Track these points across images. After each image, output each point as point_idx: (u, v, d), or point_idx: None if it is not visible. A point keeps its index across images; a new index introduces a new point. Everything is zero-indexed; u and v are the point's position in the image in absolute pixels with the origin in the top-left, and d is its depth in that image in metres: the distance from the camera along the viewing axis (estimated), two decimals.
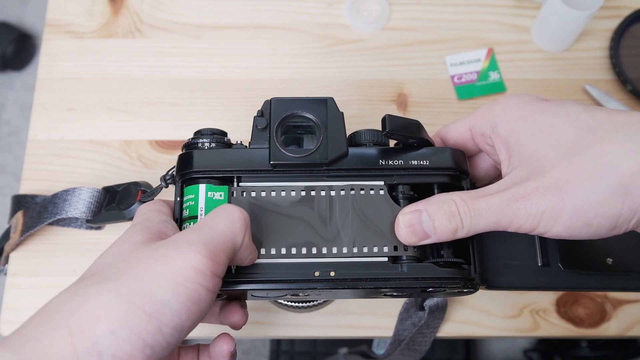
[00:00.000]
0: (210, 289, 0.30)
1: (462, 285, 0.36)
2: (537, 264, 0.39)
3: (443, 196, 0.35)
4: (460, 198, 0.34)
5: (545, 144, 0.33)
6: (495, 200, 0.33)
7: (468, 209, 0.34)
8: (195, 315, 0.30)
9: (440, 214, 0.34)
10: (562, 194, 0.32)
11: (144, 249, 0.31)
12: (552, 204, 0.32)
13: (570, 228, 0.32)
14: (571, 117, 0.33)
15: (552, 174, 0.32)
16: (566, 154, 0.32)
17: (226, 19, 0.63)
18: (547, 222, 0.32)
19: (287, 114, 0.38)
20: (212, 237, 0.32)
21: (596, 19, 0.62)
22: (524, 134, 0.34)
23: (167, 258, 0.30)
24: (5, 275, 0.53)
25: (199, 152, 0.38)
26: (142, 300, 0.28)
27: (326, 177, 0.38)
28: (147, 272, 0.30)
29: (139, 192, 0.47)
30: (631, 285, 0.40)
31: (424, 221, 0.35)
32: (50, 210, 0.50)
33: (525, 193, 0.32)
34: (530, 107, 0.35)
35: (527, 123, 0.35)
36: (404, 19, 0.63)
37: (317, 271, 0.36)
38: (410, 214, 0.35)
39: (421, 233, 0.35)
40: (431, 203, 0.35)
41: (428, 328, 0.51)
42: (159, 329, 0.28)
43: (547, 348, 1.05)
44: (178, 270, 0.29)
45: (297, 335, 0.52)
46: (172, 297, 0.29)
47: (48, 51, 0.61)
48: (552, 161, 0.32)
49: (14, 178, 1.32)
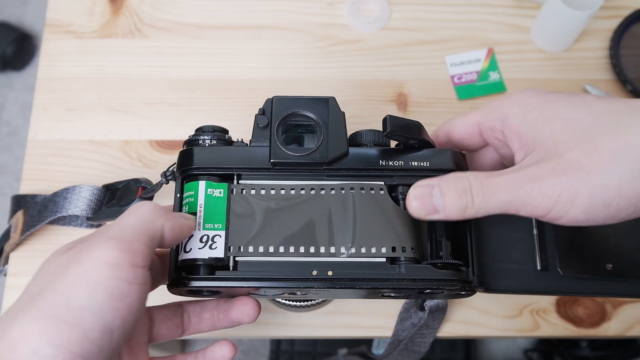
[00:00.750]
0: (132, 280, 0.30)
1: (459, 288, 0.36)
2: (536, 268, 0.39)
3: (458, 173, 0.34)
4: (474, 175, 0.34)
5: (562, 129, 0.33)
6: (510, 179, 0.33)
7: (481, 186, 0.33)
8: (124, 311, 0.29)
9: (452, 190, 0.34)
10: (581, 175, 0.31)
11: (63, 260, 0.31)
12: (569, 186, 0.31)
13: (588, 210, 0.31)
14: (586, 104, 0.33)
15: (569, 155, 0.32)
16: (585, 137, 0.32)
17: (226, 19, 0.63)
18: (563, 204, 0.31)
19: (289, 112, 0.38)
20: (122, 230, 0.31)
21: (596, 19, 0.62)
22: (538, 121, 0.34)
23: (79, 262, 0.30)
24: (5, 275, 0.53)
25: (199, 149, 0.38)
26: (60, 311, 0.28)
27: (326, 176, 0.38)
28: (62, 280, 0.29)
29: (139, 189, 0.47)
30: (631, 290, 0.40)
31: (435, 195, 0.34)
32: (50, 209, 0.51)
33: (541, 174, 0.32)
34: (542, 97, 0.35)
35: (541, 111, 0.34)
36: (404, 19, 0.63)
37: (315, 270, 0.36)
38: (422, 187, 0.35)
39: (430, 207, 0.34)
40: (444, 179, 0.35)
41: (428, 329, 0.51)
42: (84, 336, 0.28)
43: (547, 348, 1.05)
44: (91, 271, 0.29)
45: (297, 335, 0.52)
46: (91, 300, 0.28)
47: (48, 51, 0.61)
48: (570, 144, 0.32)
49: (14, 178, 1.32)
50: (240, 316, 0.39)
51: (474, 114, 0.39)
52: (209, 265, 0.36)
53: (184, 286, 0.36)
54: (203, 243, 0.36)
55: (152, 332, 0.39)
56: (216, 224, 0.37)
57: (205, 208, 0.37)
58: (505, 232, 0.39)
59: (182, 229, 0.35)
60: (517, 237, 0.39)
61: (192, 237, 0.36)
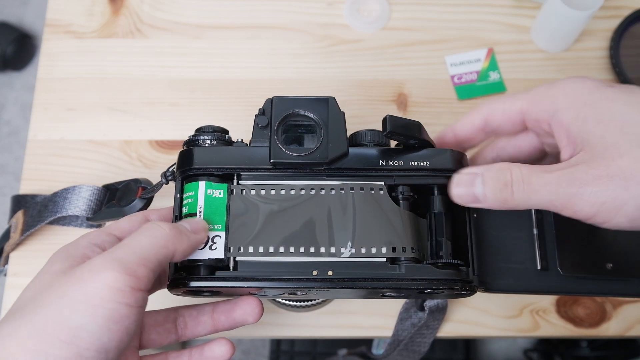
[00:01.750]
0: (132, 304, 0.30)
1: (460, 288, 0.36)
2: (536, 268, 0.39)
3: (504, 164, 0.34)
4: (519, 170, 0.33)
5: (615, 132, 0.31)
6: (553, 179, 0.32)
7: (523, 182, 0.33)
8: (121, 333, 0.30)
9: (494, 182, 0.33)
10: (630, 184, 0.30)
11: (62, 277, 0.31)
12: (615, 194, 0.30)
13: (633, 220, 0.31)
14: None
15: (619, 162, 0.30)
16: (638, 142, 0.31)
17: (226, 19, 0.63)
18: (606, 213, 0.31)
19: (289, 112, 0.38)
20: (129, 253, 0.31)
21: (596, 19, 0.62)
22: (590, 121, 0.32)
23: (81, 282, 0.30)
24: (5, 275, 0.53)
25: (199, 149, 0.38)
26: (57, 329, 0.29)
27: (326, 176, 0.38)
28: (62, 299, 0.30)
29: (139, 189, 0.47)
30: (631, 290, 0.40)
31: (477, 185, 0.34)
32: (50, 209, 0.51)
33: (586, 179, 0.31)
34: (597, 93, 0.33)
35: (595, 110, 0.32)
36: (404, 19, 0.63)
37: (315, 270, 0.36)
38: (466, 175, 0.35)
39: (472, 195, 0.34)
40: (489, 169, 0.34)
41: (427, 329, 0.51)
42: (78, 355, 0.29)
43: (547, 348, 1.05)
44: (93, 292, 0.30)
45: (297, 335, 0.52)
46: (89, 321, 0.29)
47: (48, 51, 0.61)
48: (621, 150, 0.31)
49: (14, 178, 1.32)
50: (244, 316, 0.39)
51: (518, 101, 0.37)
52: (209, 265, 0.36)
53: (184, 287, 0.36)
54: (203, 244, 0.36)
55: (142, 337, 0.38)
56: (216, 225, 0.37)
57: (205, 209, 0.37)
58: (505, 232, 0.39)
59: (194, 249, 0.35)
60: (517, 237, 0.39)
61: None
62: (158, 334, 0.39)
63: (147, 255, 0.32)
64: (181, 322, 0.39)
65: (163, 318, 0.39)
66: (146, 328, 0.39)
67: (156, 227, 0.33)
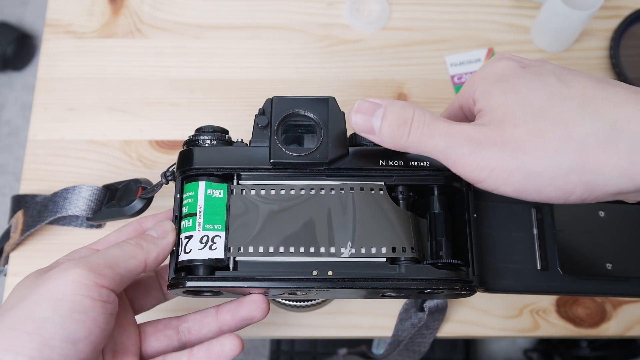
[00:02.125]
0: (96, 298, 0.32)
1: (460, 288, 0.36)
2: (536, 268, 0.39)
3: (409, 103, 0.34)
4: (422, 112, 0.33)
5: (516, 102, 0.32)
6: (453, 130, 0.32)
7: (423, 124, 0.33)
8: (89, 324, 0.32)
9: (394, 117, 0.33)
10: (519, 153, 0.30)
11: (32, 282, 0.34)
12: (504, 162, 0.31)
13: (519, 190, 0.31)
14: (548, 84, 0.32)
15: (514, 131, 0.31)
16: (534, 115, 0.31)
17: (226, 19, 0.63)
18: (494, 180, 0.31)
19: (289, 112, 0.38)
20: (98, 257, 0.34)
21: (596, 19, 0.62)
22: (496, 92, 0.33)
23: (48, 280, 0.33)
24: (5, 276, 0.53)
25: (199, 149, 0.38)
26: (22, 323, 0.31)
27: (326, 176, 0.38)
28: (29, 297, 0.32)
29: (139, 189, 0.47)
30: (630, 290, 0.40)
31: (376, 116, 0.34)
32: (50, 209, 0.51)
33: (481, 140, 0.31)
34: (509, 71, 0.34)
35: (503, 83, 0.33)
36: (404, 19, 0.63)
37: (315, 270, 0.36)
38: (368, 103, 0.35)
39: (368, 126, 0.34)
40: (394, 103, 0.34)
41: (427, 329, 0.51)
42: (44, 344, 0.31)
43: (547, 348, 1.05)
44: (57, 288, 0.32)
45: (297, 335, 0.52)
46: (53, 313, 0.31)
47: (48, 51, 0.61)
48: (518, 119, 0.31)
49: (14, 178, 1.32)
50: (251, 313, 0.38)
51: (456, 98, 0.37)
52: (209, 265, 0.36)
53: (183, 286, 0.36)
54: (203, 244, 0.36)
55: (142, 345, 0.39)
56: (216, 225, 0.37)
57: (205, 208, 0.37)
58: (505, 232, 0.39)
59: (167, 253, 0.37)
60: (517, 237, 0.39)
61: (192, 238, 0.36)
62: (157, 340, 0.39)
63: (115, 260, 0.34)
64: (184, 328, 0.39)
65: (163, 325, 0.39)
66: (146, 336, 0.39)
67: (125, 243, 0.36)
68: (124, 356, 0.37)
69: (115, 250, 0.35)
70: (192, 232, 0.36)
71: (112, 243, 0.39)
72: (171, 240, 0.37)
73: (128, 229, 0.40)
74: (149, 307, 0.41)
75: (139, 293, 0.41)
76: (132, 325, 0.39)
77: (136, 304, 0.41)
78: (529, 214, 0.40)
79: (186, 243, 0.37)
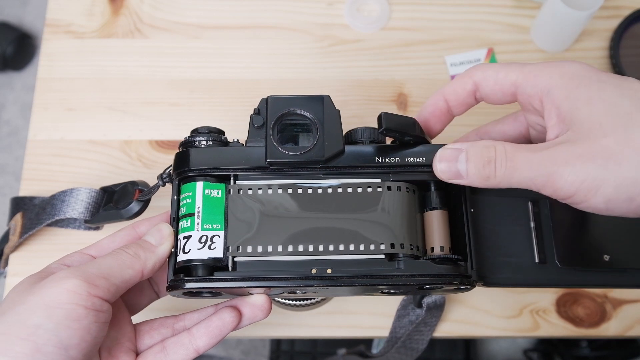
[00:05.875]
0: (89, 307, 0.33)
1: (458, 282, 0.36)
2: (534, 261, 0.39)
3: (489, 142, 0.34)
4: (503, 147, 0.33)
5: (603, 112, 0.31)
6: (536, 157, 0.32)
7: (505, 159, 0.33)
8: (82, 331, 0.33)
9: (477, 158, 0.34)
10: (610, 164, 0.30)
11: (27, 290, 0.34)
12: (595, 174, 0.30)
13: (610, 201, 0.31)
14: (633, 90, 0.32)
15: (603, 142, 0.30)
16: (623, 124, 0.30)
17: (226, 19, 0.63)
18: (585, 192, 0.31)
19: (284, 111, 0.38)
20: (93, 267, 0.35)
21: (596, 19, 0.62)
22: (581, 101, 0.32)
23: (43, 289, 0.33)
24: (5, 277, 0.53)
25: (195, 151, 0.38)
26: (16, 329, 0.32)
27: (323, 174, 0.38)
28: (23, 305, 0.33)
29: (136, 191, 0.47)
30: (628, 281, 0.40)
31: (460, 161, 0.34)
32: (48, 212, 0.50)
33: (567, 158, 0.31)
34: (592, 76, 0.33)
35: (587, 91, 0.32)
36: (404, 19, 0.63)
37: (314, 268, 0.36)
38: (451, 150, 0.35)
39: (454, 171, 0.35)
40: (474, 145, 0.34)
41: (425, 326, 0.51)
42: (37, 350, 0.31)
43: (547, 348, 1.05)
44: (51, 297, 0.33)
45: (297, 335, 0.52)
46: (46, 320, 0.32)
47: (48, 51, 0.61)
48: (606, 130, 0.30)
49: (14, 178, 1.32)
50: (254, 312, 0.38)
51: (512, 73, 0.36)
52: (208, 266, 0.36)
53: (183, 288, 0.36)
54: (202, 243, 0.36)
55: (137, 342, 0.39)
56: (215, 225, 0.37)
57: (203, 208, 0.37)
58: (502, 226, 0.39)
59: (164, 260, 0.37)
60: (514, 231, 0.40)
61: (191, 238, 0.36)
62: (152, 338, 0.39)
63: (110, 271, 0.35)
64: (180, 326, 0.39)
65: (158, 324, 0.39)
66: (141, 334, 0.39)
67: (122, 252, 0.36)
68: (119, 353, 0.37)
69: (111, 260, 0.35)
70: (190, 232, 0.36)
71: (106, 248, 0.39)
72: (169, 246, 0.37)
73: (122, 234, 0.40)
74: (143, 307, 0.41)
75: (132, 293, 0.41)
76: (128, 324, 0.39)
77: (129, 304, 0.40)
78: (525, 207, 0.40)
79: (185, 243, 0.37)
